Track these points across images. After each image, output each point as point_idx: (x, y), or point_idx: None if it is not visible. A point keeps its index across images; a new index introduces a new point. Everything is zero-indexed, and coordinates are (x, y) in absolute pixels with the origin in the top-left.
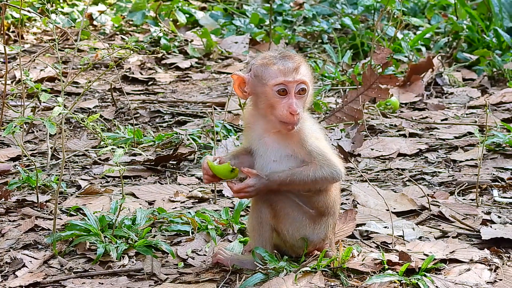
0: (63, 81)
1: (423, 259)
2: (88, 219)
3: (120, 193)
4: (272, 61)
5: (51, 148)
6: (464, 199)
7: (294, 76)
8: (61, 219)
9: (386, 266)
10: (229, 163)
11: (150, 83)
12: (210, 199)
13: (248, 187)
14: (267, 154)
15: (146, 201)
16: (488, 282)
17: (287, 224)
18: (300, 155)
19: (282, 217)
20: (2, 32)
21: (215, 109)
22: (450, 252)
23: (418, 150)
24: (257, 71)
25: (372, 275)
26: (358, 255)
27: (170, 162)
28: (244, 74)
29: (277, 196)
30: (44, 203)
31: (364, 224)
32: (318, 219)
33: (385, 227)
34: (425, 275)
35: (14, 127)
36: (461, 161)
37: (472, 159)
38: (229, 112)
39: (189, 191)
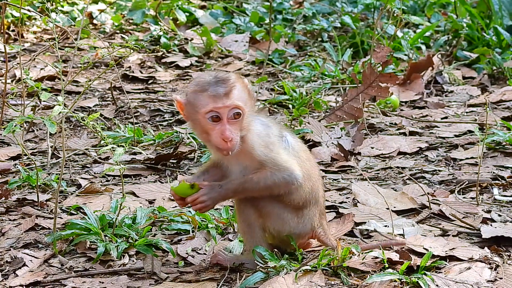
0: (63, 80)
1: (423, 254)
2: (89, 218)
3: (121, 192)
4: (203, 87)
5: (51, 147)
6: (464, 197)
7: (224, 102)
8: (62, 218)
9: (387, 265)
10: (183, 181)
11: (150, 81)
12: None
13: (202, 197)
14: (231, 166)
15: (146, 200)
16: (488, 281)
17: (271, 222)
18: (253, 166)
19: (265, 216)
20: (2, 31)
21: None
22: (450, 250)
23: (418, 149)
24: (190, 98)
25: (373, 274)
26: (359, 254)
27: (170, 161)
28: (182, 99)
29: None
30: (45, 202)
31: (365, 222)
32: (300, 212)
33: (386, 225)
34: (425, 274)
35: (15, 126)
36: (461, 160)
37: (472, 158)
38: None
39: None
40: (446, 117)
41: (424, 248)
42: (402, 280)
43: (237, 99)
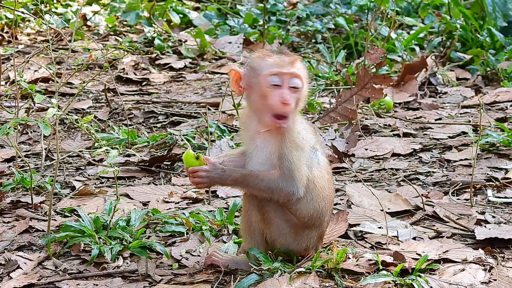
0: (57, 82)
1: (417, 259)
2: (83, 220)
3: (115, 194)
4: (269, 54)
5: (45, 149)
6: (458, 199)
7: (288, 69)
8: (56, 220)
9: (381, 267)
10: (189, 150)
11: (144, 83)
12: (205, 200)
13: (201, 172)
14: (255, 155)
15: (140, 202)
16: (482, 283)
17: (270, 230)
18: (274, 156)
19: (267, 222)
20: None
21: (209, 109)
22: (444, 252)
23: (412, 150)
24: (253, 63)
25: (367, 276)
26: (353, 256)
27: (164, 162)
28: (241, 69)
29: (265, 199)
30: (39, 204)
31: (359, 224)
32: (300, 230)
33: (380, 227)
34: (419, 276)
35: (9, 128)
36: (455, 161)
37: (466, 159)
38: (223, 112)
39: (184, 192)
40: (440, 119)
41: (417, 254)
42: (396, 282)
43: (299, 70)
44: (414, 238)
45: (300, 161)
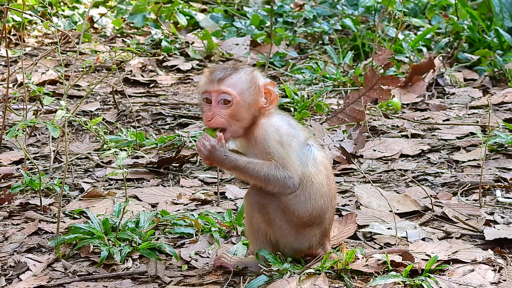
0: (65, 84)
1: (426, 260)
2: (92, 222)
3: (123, 196)
4: (210, 71)
5: (53, 151)
6: (467, 199)
7: (214, 86)
8: (65, 222)
9: (390, 267)
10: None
11: (151, 85)
12: (213, 201)
13: (209, 144)
14: (247, 155)
15: (149, 203)
16: (492, 283)
17: (273, 230)
18: (261, 158)
19: (269, 223)
20: (4, 35)
21: None
22: (453, 253)
23: (420, 151)
24: (200, 78)
25: (376, 277)
26: (363, 257)
27: (173, 164)
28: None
29: (264, 199)
30: (47, 206)
31: (368, 225)
32: (301, 228)
33: (389, 228)
34: (429, 276)
35: (17, 130)
36: (463, 162)
37: (474, 160)
38: None
39: (192, 193)
40: (448, 119)
41: (426, 255)
42: (406, 283)
43: (229, 86)
44: (423, 239)
45: (288, 152)
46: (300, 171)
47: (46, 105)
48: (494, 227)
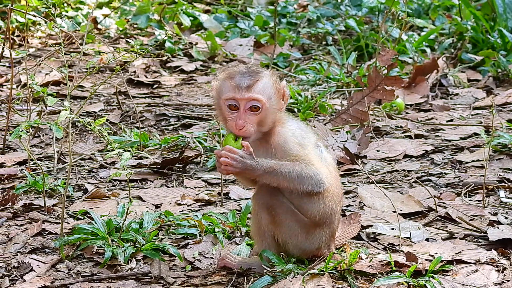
0: (69, 85)
1: (430, 260)
2: (95, 223)
3: (127, 197)
4: (231, 75)
5: (57, 152)
6: (470, 200)
7: (243, 94)
8: (68, 223)
9: (394, 268)
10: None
11: (155, 86)
12: (217, 202)
13: (238, 155)
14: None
15: (153, 204)
16: (495, 283)
17: (281, 231)
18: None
19: (277, 224)
20: (7, 36)
21: None
22: (457, 253)
23: (424, 152)
24: (217, 84)
25: (380, 277)
26: (367, 257)
27: (177, 165)
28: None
29: (273, 200)
30: (51, 207)
31: (371, 226)
32: (311, 229)
33: (392, 228)
34: (432, 277)
35: (21, 131)
36: (467, 162)
37: (478, 160)
38: None
39: (196, 194)
40: (451, 120)
41: (430, 255)
42: (409, 283)
43: (259, 92)
44: (427, 240)
45: (311, 152)
46: (323, 166)
47: (49, 106)
48: (498, 227)
